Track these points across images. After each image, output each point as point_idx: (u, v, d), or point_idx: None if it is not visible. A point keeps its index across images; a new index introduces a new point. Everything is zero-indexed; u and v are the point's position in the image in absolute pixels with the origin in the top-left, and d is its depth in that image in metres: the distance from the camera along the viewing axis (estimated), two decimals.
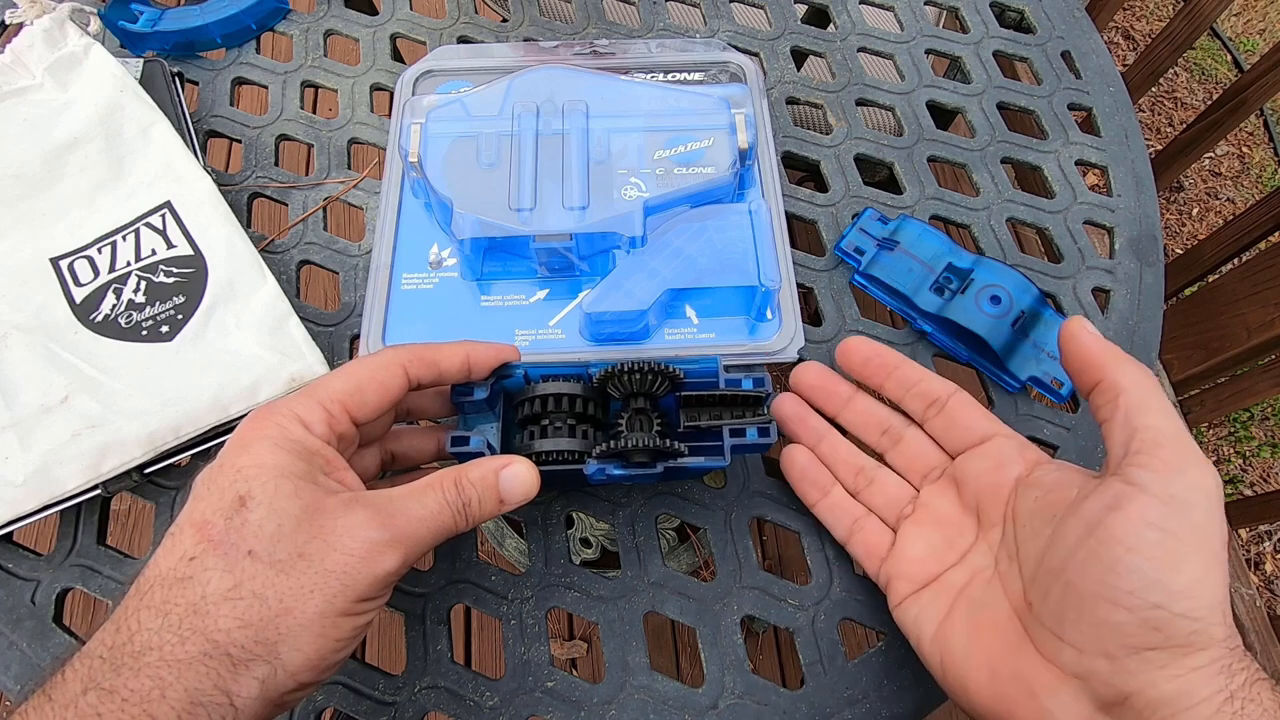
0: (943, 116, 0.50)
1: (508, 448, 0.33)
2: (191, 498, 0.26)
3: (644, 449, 0.31)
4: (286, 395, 0.33)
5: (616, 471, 0.31)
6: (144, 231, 0.41)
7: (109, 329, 0.38)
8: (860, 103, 0.50)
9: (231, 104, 0.49)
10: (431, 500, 0.27)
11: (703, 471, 0.35)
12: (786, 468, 0.37)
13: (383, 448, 0.33)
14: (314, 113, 0.49)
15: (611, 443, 0.31)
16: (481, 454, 0.31)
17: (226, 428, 0.37)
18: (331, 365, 0.39)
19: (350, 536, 0.25)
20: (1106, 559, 0.24)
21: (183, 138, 0.43)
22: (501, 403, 0.34)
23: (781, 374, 0.39)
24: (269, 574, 0.24)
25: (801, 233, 0.46)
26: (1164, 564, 0.24)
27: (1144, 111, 1.56)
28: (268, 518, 0.24)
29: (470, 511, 0.28)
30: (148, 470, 0.37)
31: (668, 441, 0.31)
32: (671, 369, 0.32)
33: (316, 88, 0.51)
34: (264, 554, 0.24)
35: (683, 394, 0.33)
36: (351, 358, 0.41)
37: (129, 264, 0.40)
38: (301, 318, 0.40)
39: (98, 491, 0.36)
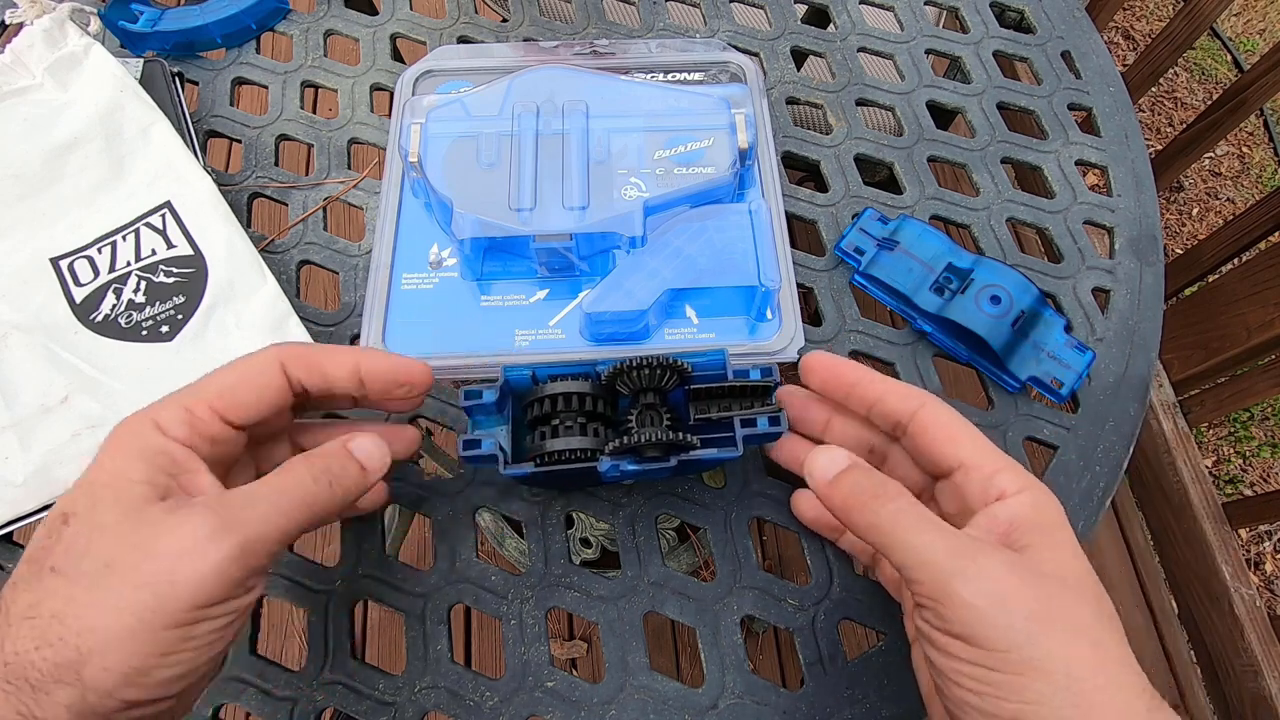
0: (943, 116, 0.50)
1: (519, 449, 0.33)
2: None
3: (657, 443, 0.31)
4: None
5: (630, 467, 0.32)
6: (144, 231, 0.41)
7: (109, 329, 0.38)
8: (860, 103, 0.50)
9: (231, 104, 0.49)
10: (288, 477, 0.25)
11: (715, 463, 0.35)
12: (800, 513, 0.36)
13: (292, 442, 0.32)
14: (314, 113, 0.49)
15: (624, 439, 0.31)
16: (494, 457, 0.31)
17: None
18: None
19: (170, 537, 0.22)
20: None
21: (183, 138, 0.43)
22: (510, 405, 0.34)
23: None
24: (69, 590, 0.22)
25: (801, 233, 0.46)
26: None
27: (1144, 111, 1.56)
28: (80, 531, 0.23)
29: (334, 478, 0.26)
30: None
31: (680, 435, 0.31)
32: (679, 362, 0.32)
33: (316, 88, 0.51)
34: (68, 569, 0.22)
35: (691, 388, 0.33)
36: None
37: (129, 264, 0.40)
38: (301, 318, 0.40)
39: None
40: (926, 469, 0.31)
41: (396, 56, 0.51)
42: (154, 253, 0.40)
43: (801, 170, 0.49)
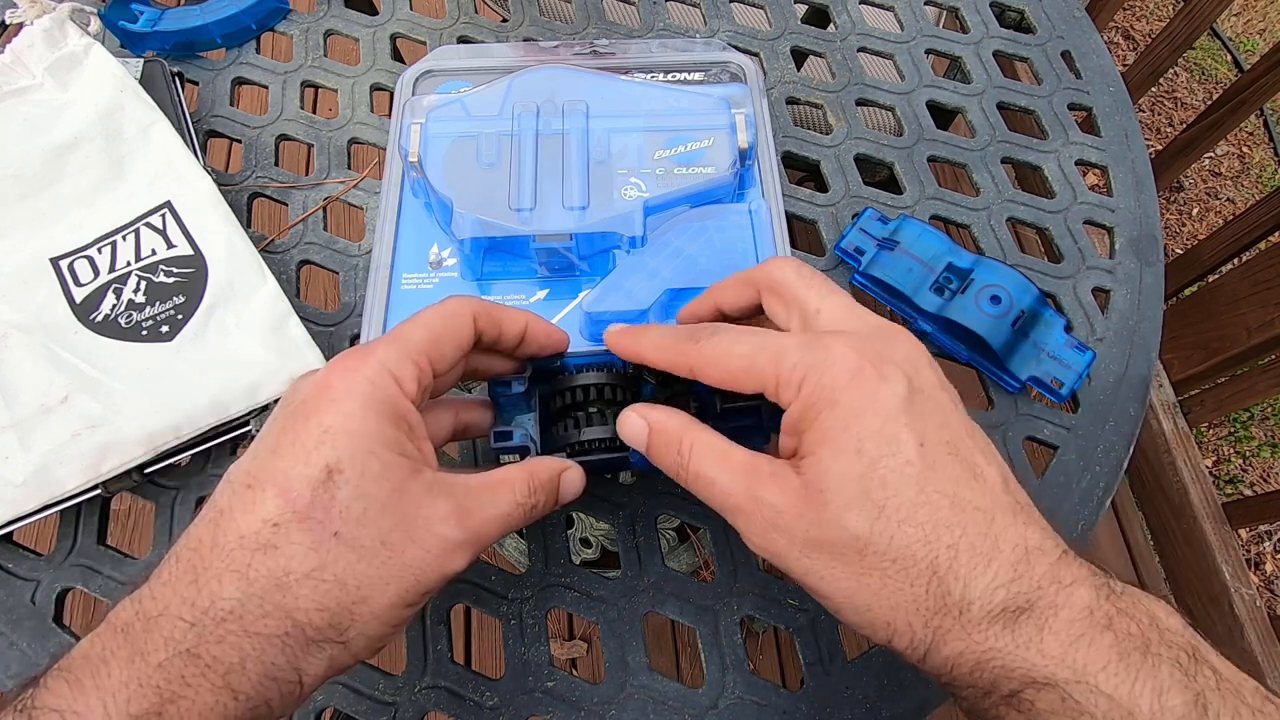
0: (943, 116, 0.50)
1: (547, 438, 0.34)
2: (265, 445, 0.24)
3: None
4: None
5: None
6: (144, 231, 0.41)
7: (109, 329, 0.38)
8: (860, 103, 0.50)
9: (231, 104, 0.49)
10: (505, 500, 0.26)
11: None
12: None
13: (457, 417, 0.32)
14: (314, 113, 0.49)
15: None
16: (526, 447, 0.32)
17: (226, 427, 0.37)
18: None
19: (429, 532, 0.24)
20: None
21: (183, 138, 0.43)
22: (537, 395, 0.34)
23: None
24: (351, 559, 0.23)
25: (801, 233, 0.46)
26: None
27: (1144, 111, 1.56)
28: (355, 499, 0.23)
29: (535, 513, 0.27)
30: (148, 470, 0.37)
31: (708, 423, 0.31)
32: None
33: (316, 88, 0.51)
34: (349, 537, 0.23)
35: None
36: None
37: (129, 264, 0.40)
38: (301, 317, 0.40)
39: (98, 491, 0.36)
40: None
41: (396, 56, 0.51)
42: (154, 253, 0.40)
43: (801, 170, 0.49)
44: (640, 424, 0.28)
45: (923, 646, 0.23)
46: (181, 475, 0.38)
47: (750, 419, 0.33)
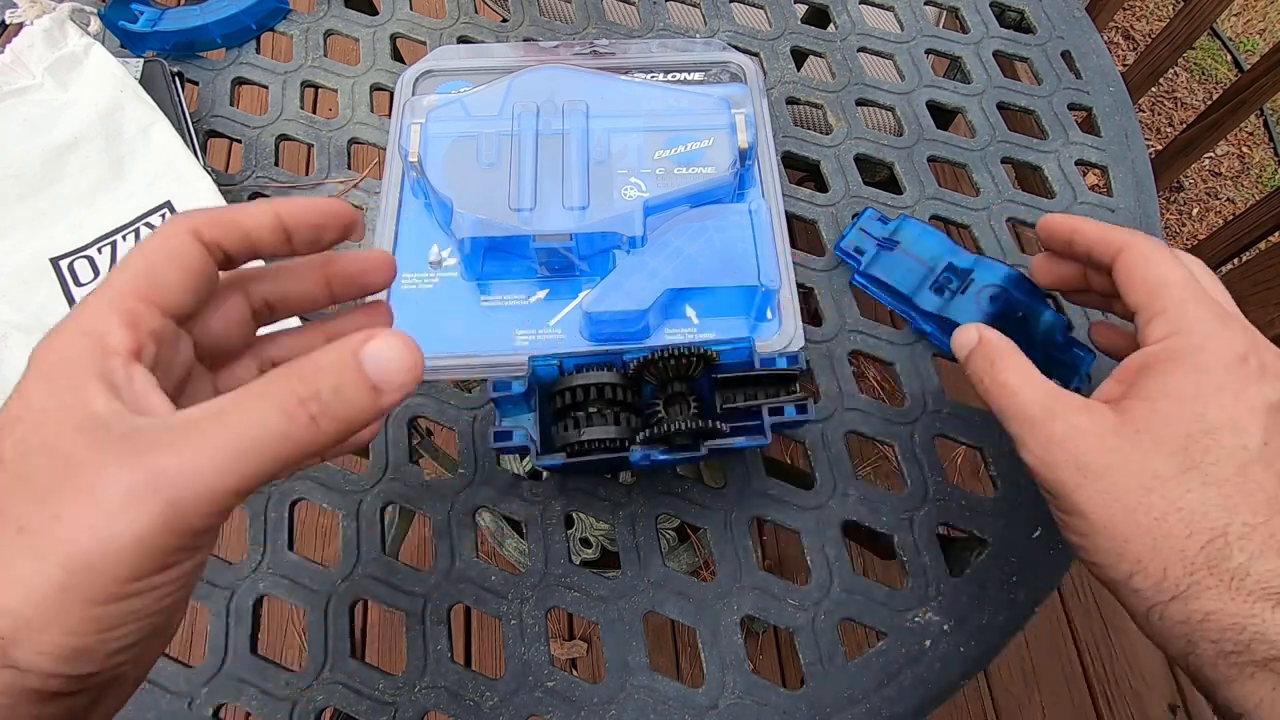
0: (943, 116, 0.50)
1: (547, 439, 0.34)
2: None
3: (688, 431, 0.31)
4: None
5: (660, 456, 0.32)
6: (144, 231, 0.41)
7: None
8: (860, 103, 0.50)
9: (231, 104, 0.49)
10: (249, 411, 0.18)
11: (744, 450, 0.36)
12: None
13: (260, 361, 0.26)
14: (314, 113, 0.49)
15: (655, 428, 0.31)
16: (526, 447, 0.31)
17: None
18: None
19: (82, 497, 0.17)
20: None
21: (183, 138, 0.43)
22: (537, 395, 0.34)
23: None
24: None
25: (801, 233, 0.46)
26: None
27: (1144, 111, 1.56)
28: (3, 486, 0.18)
29: (323, 408, 0.19)
30: None
31: (710, 422, 0.31)
32: (708, 351, 0.32)
33: (316, 88, 0.51)
34: None
35: (718, 376, 0.33)
36: None
37: None
38: (302, 318, 0.40)
39: None
40: None
41: (396, 56, 0.51)
42: None
43: (801, 170, 0.49)
44: (973, 334, 0.32)
45: (1170, 592, 0.24)
46: None
47: (752, 419, 0.33)
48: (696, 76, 0.47)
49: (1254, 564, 0.24)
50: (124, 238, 0.40)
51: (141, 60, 0.46)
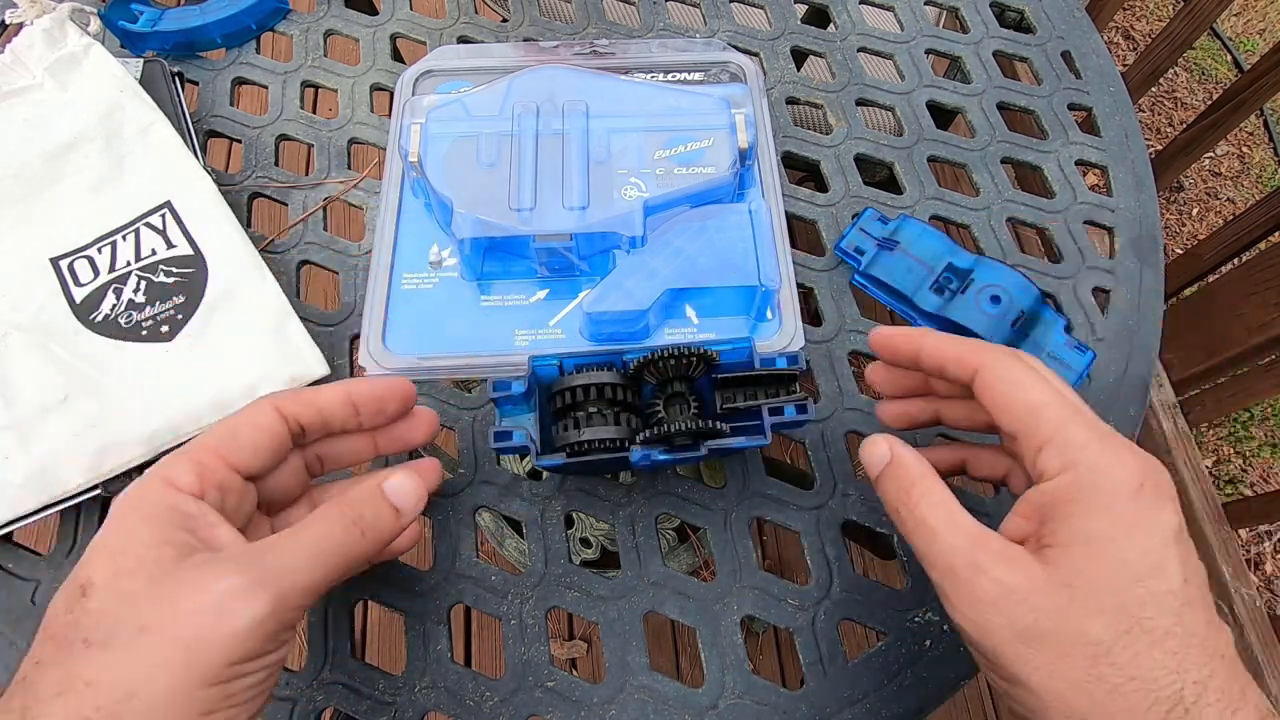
0: (943, 116, 0.50)
1: (547, 439, 0.34)
2: None
3: (688, 431, 0.31)
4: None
5: (661, 456, 0.32)
6: (144, 231, 0.41)
7: (109, 329, 0.38)
8: (860, 103, 0.50)
9: (231, 104, 0.49)
10: (318, 527, 0.25)
11: (744, 450, 0.36)
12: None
13: (311, 505, 0.32)
14: (314, 113, 0.49)
15: (656, 428, 0.31)
16: (526, 447, 0.31)
17: None
18: (331, 365, 0.39)
19: (200, 593, 0.22)
20: None
21: (183, 138, 0.43)
22: (537, 395, 0.34)
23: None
24: (105, 659, 0.21)
25: (801, 233, 0.46)
26: None
27: (1144, 111, 1.56)
28: (107, 600, 0.22)
29: (366, 526, 0.26)
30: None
31: (710, 423, 0.31)
32: (708, 351, 0.32)
33: (316, 88, 0.51)
34: (100, 639, 0.22)
35: (717, 376, 0.33)
36: (352, 358, 0.41)
37: (129, 264, 0.40)
38: (301, 318, 0.40)
39: (98, 491, 0.36)
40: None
41: (396, 56, 0.51)
42: (154, 253, 0.40)
43: (801, 170, 0.49)
44: (885, 451, 0.29)
45: None
46: None
47: (752, 419, 0.33)
48: (696, 76, 0.47)
49: None
50: (124, 238, 0.40)
51: (141, 60, 0.46)
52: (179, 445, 0.36)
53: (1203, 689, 0.22)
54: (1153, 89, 1.44)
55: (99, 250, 0.40)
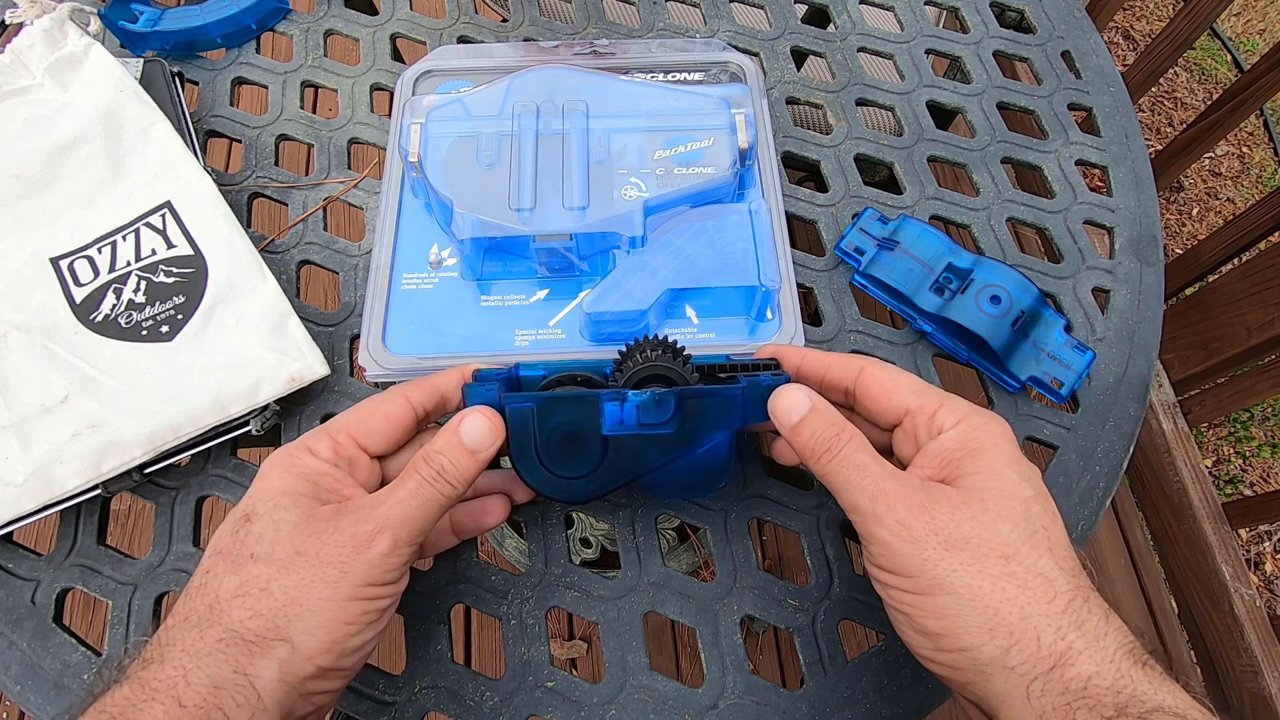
0: (943, 116, 0.50)
1: (527, 464, 0.33)
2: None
3: (659, 370, 0.32)
4: (286, 395, 0.38)
5: (634, 399, 0.31)
6: (144, 231, 0.41)
7: (109, 329, 0.38)
8: (860, 103, 0.50)
9: (231, 104, 0.49)
10: (410, 482, 0.29)
11: (730, 441, 0.34)
12: (779, 457, 0.35)
13: (450, 517, 0.35)
14: (314, 113, 0.49)
15: (628, 372, 0.32)
16: (494, 395, 0.32)
17: (226, 427, 0.37)
18: (331, 365, 0.39)
19: (339, 533, 0.28)
20: None
21: (183, 138, 0.43)
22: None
23: None
24: (270, 571, 0.27)
25: (801, 233, 0.46)
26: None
27: (1144, 111, 1.56)
28: (266, 528, 0.28)
29: (448, 475, 0.29)
30: (148, 470, 0.37)
31: (680, 363, 0.32)
32: (675, 342, 0.33)
33: (316, 88, 0.51)
34: (264, 556, 0.27)
35: (702, 366, 0.33)
36: (352, 358, 0.41)
37: (129, 264, 0.40)
38: (301, 318, 0.40)
39: (98, 491, 0.36)
40: (879, 424, 0.33)
41: (396, 56, 0.51)
42: (154, 253, 0.40)
43: (801, 170, 0.49)
44: (802, 398, 0.31)
45: (1049, 660, 0.25)
46: (181, 475, 0.38)
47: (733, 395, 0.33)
48: (696, 76, 0.47)
49: (1102, 624, 0.25)
50: (124, 238, 0.40)
51: (141, 60, 0.46)
52: (179, 445, 0.36)
53: (1088, 591, 0.26)
54: (1153, 89, 1.44)
55: (99, 250, 0.40)
